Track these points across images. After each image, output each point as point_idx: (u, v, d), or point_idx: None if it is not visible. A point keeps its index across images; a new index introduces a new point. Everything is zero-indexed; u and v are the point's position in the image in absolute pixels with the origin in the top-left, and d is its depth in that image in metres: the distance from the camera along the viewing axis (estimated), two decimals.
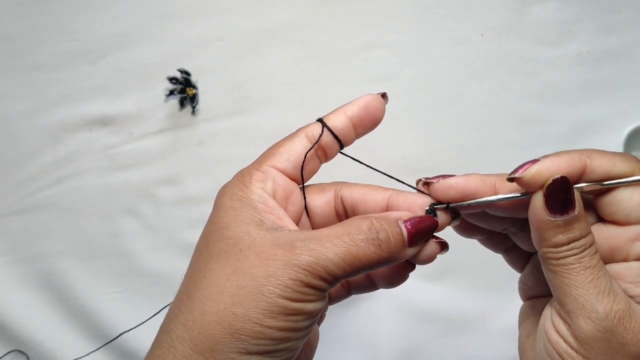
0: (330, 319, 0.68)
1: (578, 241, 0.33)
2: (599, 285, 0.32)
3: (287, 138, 0.38)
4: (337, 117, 0.38)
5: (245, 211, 0.34)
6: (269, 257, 0.32)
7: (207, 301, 0.32)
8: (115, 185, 0.70)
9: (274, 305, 0.31)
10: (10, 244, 0.69)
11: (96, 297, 0.68)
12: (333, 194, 0.39)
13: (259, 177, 0.36)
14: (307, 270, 0.31)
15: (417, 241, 0.35)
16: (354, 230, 0.33)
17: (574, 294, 0.32)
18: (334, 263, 0.32)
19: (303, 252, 0.32)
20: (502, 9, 0.70)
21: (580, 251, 0.33)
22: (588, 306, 0.32)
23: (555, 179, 0.33)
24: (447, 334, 0.68)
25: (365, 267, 0.33)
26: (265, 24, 0.70)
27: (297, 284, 0.31)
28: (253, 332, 0.31)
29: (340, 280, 0.33)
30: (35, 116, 0.70)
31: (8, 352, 0.67)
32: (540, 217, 0.33)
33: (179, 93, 0.69)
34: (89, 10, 0.70)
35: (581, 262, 0.32)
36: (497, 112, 0.70)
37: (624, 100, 0.69)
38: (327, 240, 0.32)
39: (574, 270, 0.32)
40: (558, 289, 0.33)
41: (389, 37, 0.70)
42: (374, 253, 0.33)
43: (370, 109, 0.38)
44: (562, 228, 0.33)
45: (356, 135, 0.39)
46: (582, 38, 0.70)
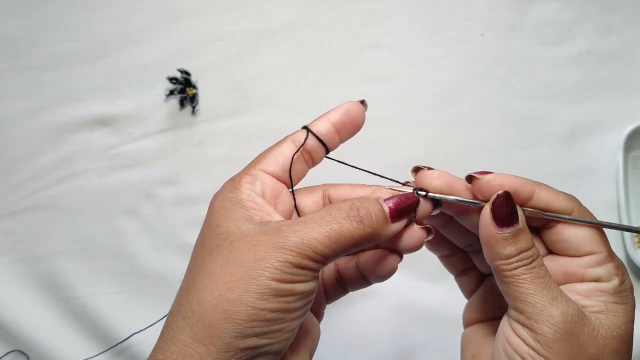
0: (330, 318, 0.68)
1: (526, 252, 0.36)
2: (551, 292, 0.35)
3: (274, 145, 0.40)
4: (321, 123, 0.40)
5: (235, 209, 0.36)
6: (257, 243, 0.33)
7: (202, 291, 0.33)
8: (115, 186, 0.70)
9: (265, 288, 0.32)
10: (10, 244, 0.69)
11: (96, 297, 0.68)
12: (321, 194, 0.41)
13: (248, 180, 0.38)
14: (293, 251, 0.33)
15: (400, 216, 0.37)
16: (335, 210, 0.35)
17: (531, 301, 0.35)
18: (319, 242, 0.33)
19: (289, 234, 0.33)
20: (502, 9, 0.70)
21: (530, 261, 0.36)
22: (546, 311, 0.34)
23: (499, 193, 0.36)
24: (447, 334, 0.67)
25: (350, 243, 0.34)
26: (265, 24, 0.70)
27: (286, 265, 0.33)
28: (247, 315, 0.32)
29: (328, 259, 0.34)
30: (35, 116, 0.70)
31: (8, 352, 0.67)
32: (490, 231, 0.36)
33: (179, 93, 0.69)
34: (89, 10, 0.70)
35: (532, 272, 0.35)
36: (497, 112, 0.70)
37: (624, 100, 0.69)
38: (311, 222, 0.34)
39: (527, 280, 0.35)
40: (515, 298, 0.36)
41: (389, 37, 0.70)
42: (357, 229, 0.34)
43: (351, 114, 0.40)
44: (510, 240, 0.36)
45: (340, 140, 0.41)
46: (582, 38, 0.70)
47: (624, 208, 0.66)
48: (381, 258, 0.40)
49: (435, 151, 0.69)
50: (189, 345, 0.32)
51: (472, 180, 0.38)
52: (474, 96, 0.70)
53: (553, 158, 0.69)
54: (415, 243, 0.39)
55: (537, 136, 0.69)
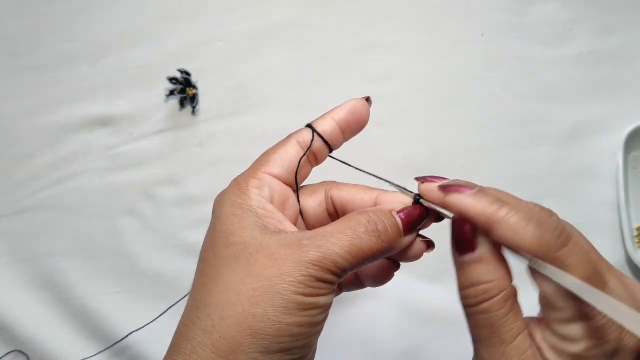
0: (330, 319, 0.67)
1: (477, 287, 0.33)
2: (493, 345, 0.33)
3: (279, 144, 0.39)
4: (325, 121, 0.40)
5: (247, 217, 0.35)
6: (279, 257, 0.33)
7: (224, 305, 0.33)
8: (115, 185, 0.70)
9: (290, 302, 0.32)
10: (10, 244, 0.69)
11: (96, 297, 0.68)
12: (323, 195, 0.40)
13: (255, 184, 0.37)
14: (316, 265, 0.33)
15: (411, 230, 0.37)
16: (354, 224, 0.34)
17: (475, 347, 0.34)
18: (341, 256, 0.33)
19: (311, 249, 0.33)
20: (502, 9, 0.70)
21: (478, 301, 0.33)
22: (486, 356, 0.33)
23: (453, 217, 0.34)
24: (447, 334, 0.67)
25: (368, 257, 0.34)
26: (265, 24, 0.70)
27: (309, 279, 0.32)
28: (273, 330, 0.32)
29: (347, 272, 0.34)
30: (35, 116, 0.70)
31: (8, 352, 0.67)
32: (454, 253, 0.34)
33: (179, 93, 0.70)
34: (89, 10, 0.70)
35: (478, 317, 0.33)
36: (497, 112, 0.70)
37: (624, 100, 0.69)
38: (331, 236, 0.34)
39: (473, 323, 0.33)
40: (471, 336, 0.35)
41: (389, 37, 0.70)
42: (375, 244, 0.34)
43: (356, 112, 0.40)
44: (462, 269, 0.34)
45: (344, 139, 0.40)
46: (582, 38, 0.70)
47: (623, 208, 0.66)
48: (381, 266, 0.40)
49: (435, 151, 0.69)
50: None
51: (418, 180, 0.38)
52: (474, 96, 0.70)
53: (553, 158, 0.69)
54: (415, 255, 0.39)
55: (537, 136, 0.69)
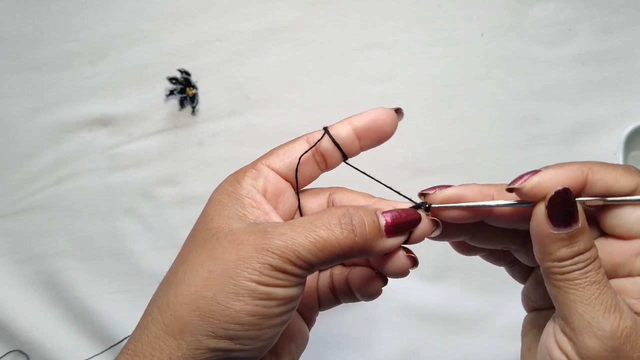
0: (330, 319, 0.68)
1: (582, 255, 0.32)
2: (605, 302, 0.31)
3: (289, 141, 0.39)
4: (342, 126, 0.38)
5: (231, 205, 0.35)
6: (240, 242, 0.32)
7: (180, 284, 0.33)
8: (115, 185, 0.70)
9: (242, 288, 0.31)
10: (10, 244, 0.69)
11: (96, 297, 0.68)
12: (326, 198, 0.39)
13: (252, 174, 0.37)
14: (276, 254, 0.31)
15: (397, 233, 0.34)
16: (327, 215, 0.33)
17: (580, 311, 0.31)
18: (304, 247, 0.32)
19: (273, 237, 0.32)
20: (502, 9, 0.70)
21: (585, 265, 0.32)
22: (595, 324, 0.31)
23: (558, 190, 0.32)
24: (447, 334, 0.68)
25: (338, 252, 0.32)
26: (265, 24, 0.70)
27: (266, 268, 0.31)
28: (221, 315, 0.31)
29: (314, 266, 0.32)
30: (35, 116, 0.70)
31: (8, 352, 0.67)
32: (544, 230, 0.32)
33: (179, 93, 0.69)
34: (89, 10, 0.70)
35: (587, 277, 0.31)
36: (497, 112, 0.70)
37: (624, 100, 0.69)
38: (299, 226, 0.32)
39: (579, 286, 0.31)
40: (562, 305, 0.32)
41: (389, 37, 0.70)
42: (347, 238, 0.32)
43: (378, 122, 0.37)
44: (566, 241, 0.32)
45: (361, 148, 0.38)
46: (582, 38, 0.69)
47: None
48: (368, 278, 0.39)
49: (435, 151, 0.69)
50: (160, 338, 0.32)
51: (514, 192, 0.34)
52: (473, 96, 0.70)
53: (553, 158, 0.69)
54: (398, 270, 0.36)
55: (537, 136, 0.69)
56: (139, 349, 0.32)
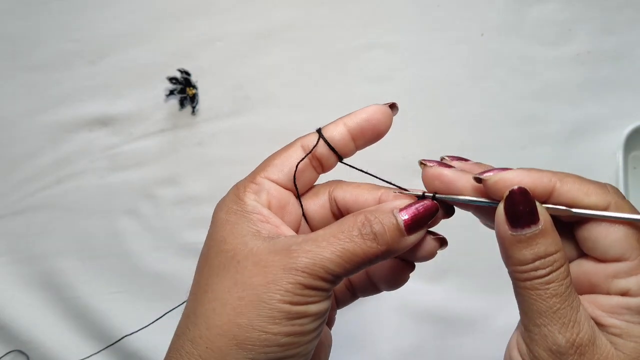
0: None
1: (545, 259, 0.31)
2: (564, 316, 0.31)
3: (283, 149, 0.38)
4: (335, 127, 0.37)
5: (241, 223, 0.34)
6: (266, 264, 0.32)
7: (210, 315, 0.32)
8: (115, 185, 0.70)
9: (276, 311, 0.31)
10: (10, 244, 0.69)
11: (96, 297, 0.68)
12: (327, 197, 0.38)
13: (253, 189, 0.36)
14: (305, 272, 0.31)
15: (417, 228, 0.34)
16: (347, 226, 0.33)
17: (538, 322, 0.31)
18: (332, 262, 0.32)
19: (300, 255, 0.32)
20: (502, 8, 0.70)
21: (547, 273, 0.31)
22: (550, 337, 0.31)
23: (513, 189, 0.32)
24: (447, 334, 0.68)
25: (364, 261, 0.33)
26: (265, 24, 0.70)
27: (298, 287, 0.31)
28: (259, 340, 0.31)
29: (341, 278, 0.33)
30: (35, 116, 0.70)
31: (8, 352, 0.67)
32: (503, 231, 0.32)
33: (179, 93, 0.69)
34: (89, 10, 0.70)
35: (548, 289, 0.31)
36: (497, 112, 0.70)
37: (624, 100, 0.69)
38: (322, 240, 0.32)
39: (540, 297, 0.31)
40: (523, 313, 0.32)
41: (389, 37, 0.70)
42: (370, 247, 0.32)
43: (372, 121, 0.37)
44: (525, 243, 0.31)
45: (356, 147, 0.38)
46: (582, 38, 0.69)
47: None
48: (393, 267, 0.38)
49: (435, 151, 0.69)
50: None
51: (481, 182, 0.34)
52: (474, 96, 0.70)
53: (553, 158, 0.69)
54: (428, 254, 0.36)
55: (537, 136, 0.69)
56: None
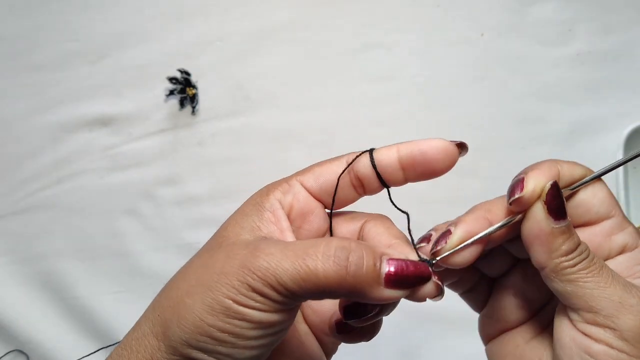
0: None
1: (582, 245, 0.32)
2: (620, 281, 0.31)
3: (330, 160, 0.36)
4: (387, 152, 0.35)
5: (251, 216, 0.34)
6: (231, 255, 0.31)
7: (172, 287, 0.33)
8: (115, 185, 0.70)
9: (217, 303, 0.30)
10: (10, 244, 0.69)
11: (96, 297, 0.68)
12: (360, 225, 0.36)
13: (283, 189, 0.35)
14: (256, 275, 0.30)
15: (399, 286, 0.31)
16: (324, 245, 0.30)
17: (606, 296, 0.31)
18: (288, 274, 0.29)
19: (260, 255, 0.30)
20: (502, 8, 0.70)
21: (588, 254, 0.32)
22: (625, 302, 0.30)
23: (553, 184, 0.32)
24: (447, 334, 0.68)
25: (323, 286, 0.30)
26: (265, 24, 0.70)
27: (244, 287, 0.30)
28: (194, 325, 0.30)
29: (296, 296, 0.30)
30: (35, 116, 0.70)
31: (8, 352, 0.67)
32: (545, 228, 0.32)
33: (179, 93, 0.69)
34: (89, 10, 0.70)
35: (595, 264, 0.32)
36: (497, 112, 0.70)
37: (624, 100, 0.69)
38: (291, 250, 0.30)
39: (594, 273, 0.31)
40: (584, 298, 0.31)
41: (389, 37, 0.70)
42: (336, 273, 0.29)
43: (427, 155, 0.34)
44: (567, 234, 0.32)
45: (405, 179, 0.35)
46: (582, 38, 0.69)
47: (624, 208, 0.66)
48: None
49: None
50: (146, 336, 0.32)
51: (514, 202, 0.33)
52: (474, 96, 0.70)
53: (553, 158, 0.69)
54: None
55: (537, 136, 0.69)
56: (128, 342, 0.33)
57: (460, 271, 0.37)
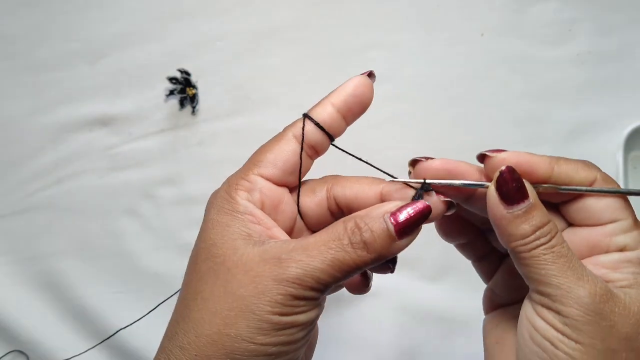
0: (330, 319, 0.68)
1: (543, 228, 0.33)
2: (576, 272, 0.32)
3: (274, 140, 0.37)
4: (323, 109, 0.37)
5: (232, 225, 0.34)
6: (256, 274, 0.32)
7: (200, 324, 0.32)
8: (115, 186, 0.70)
9: (265, 322, 0.31)
10: (10, 244, 0.69)
11: (96, 297, 0.68)
12: (325, 194, 0.38)
13: (246, 187, 0.35)
14: (295, 283, 0.31)
15: (409, 232, 0.33)
16: (338, 234, 0.32)
17: (556, 283, 0.32)
18: (323, 271, 0.31)
19: (290, 265, 0.31)
20: (502, 8, 0.70)
21: (548, 239, 0.33)
22: (572, 292, 0.32)
23: (502, 169, 0.34)
24: (447, 334, 0.67)
25: (354, 270, 0.32)
26: (265, 24, 0.70)
27: (288, 299, 0.31)
28: (247, 351, 0.31)
29: (332, 286, 0.32)
30: (35, 116, 0.70)
31: (8, 353, 0.67)
32: (499, 212, 0.33)
33: (178, 93, 0.69)
34: (89, 10, 0.70)
35: (553, 251, 0.33)
36: (497, 112, 0.70)
37: (624, 100, 0.69)
38: (313, 249, 0.32)
39: (549, 261, 0.32)
40: (537, 281, 0.33)
41: (389, 37, 0.70)
42: (360, 256, 0.32)
43: (357, 94, 0.37)
44: (522, 218, 0.33)
45: (346, 124, 0.37)
46: (582, 38, 0.69)
47: None
48: None
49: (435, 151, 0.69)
50: None
51: (484, 160, 0.36)
52: (474, 96, 0.70)
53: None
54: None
55: (537, 136, 0.69)
56: None
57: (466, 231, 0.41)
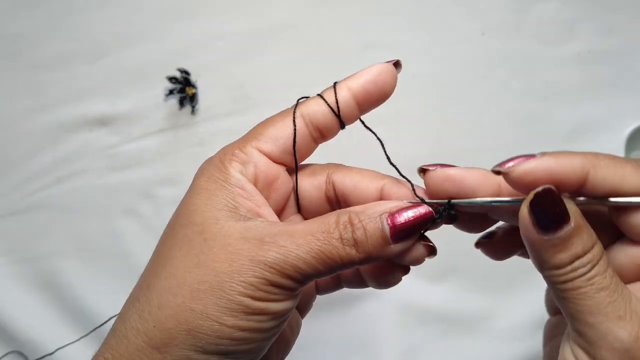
0: (330, 319, 0.67)
1: (582, 258, 0.28)
2: (617, 309, 0.27)
3: (280, 115, 0.35)
4: (339, 92, 0.34)
5: (219, 195, 0.32)
6: (234, 250, 0.30)
7: (165, 293, 0.30)
8: (115, 185, 0.70)
9: (235, 303, 0.29)
10: (10, 244, 0.69)
11: (96, 297, 0.68)
12: (325, 179, 0.36)
13: (241, 159, 0.33)
14: (273, 268, 0.29)
15: (405, 237, 0.31)
16: (329, 227, 0.30)
17: (592, 322, 0.27)
18: (305, 261, 0.29)
19: (271, 249, 0.29)
20: (503, 8, 0.70)
21: (588, 270, 0.28)
22: (610, 334, 0.27)
23: (538, 192, 0.28)
24: (447, 334, 0.67)
25: (339, 266, 0.30)
26: (265, 23, 0.70)
27: (262, 282, 0.29)
28: (211, 330, 0.29)
29: (312, 279, 0.30)
30: (35, 116, 0.70)
31: (7, 353, 0.67)
32: (532, 235, 0.28)
33: (178, 93, 0.69)
34: (89, 10, 0.70)
35: (592, 284, 0.27)
36: (497, 112, 0.69)
37: (625, 100, 0.69)
38: (299, 237, 0.30)
39: (586, 295, 0.27)
40: (573, 318, 0.28)
41: (389, 36, 0.70)
42: (348, 254, 0.30)
43: (378, 83, 0.34)
44: (560, 247, 0.28)
45: (360, 112, 0.35)
46: (582, 38, 0.69)
47: None
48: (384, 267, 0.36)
49: (435, 151, 0.69)
50: (142, 350, 0.30)
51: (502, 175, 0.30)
52: (474, 96, 0.70)
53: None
54: (413, 261, 0.33)
55: (537, 136, 0.69)
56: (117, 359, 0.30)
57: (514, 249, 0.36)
